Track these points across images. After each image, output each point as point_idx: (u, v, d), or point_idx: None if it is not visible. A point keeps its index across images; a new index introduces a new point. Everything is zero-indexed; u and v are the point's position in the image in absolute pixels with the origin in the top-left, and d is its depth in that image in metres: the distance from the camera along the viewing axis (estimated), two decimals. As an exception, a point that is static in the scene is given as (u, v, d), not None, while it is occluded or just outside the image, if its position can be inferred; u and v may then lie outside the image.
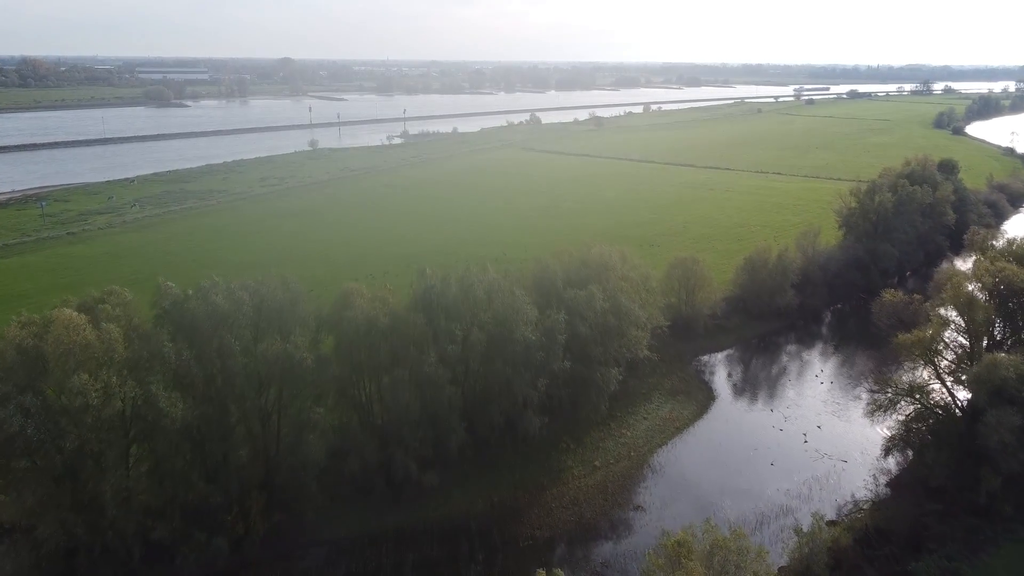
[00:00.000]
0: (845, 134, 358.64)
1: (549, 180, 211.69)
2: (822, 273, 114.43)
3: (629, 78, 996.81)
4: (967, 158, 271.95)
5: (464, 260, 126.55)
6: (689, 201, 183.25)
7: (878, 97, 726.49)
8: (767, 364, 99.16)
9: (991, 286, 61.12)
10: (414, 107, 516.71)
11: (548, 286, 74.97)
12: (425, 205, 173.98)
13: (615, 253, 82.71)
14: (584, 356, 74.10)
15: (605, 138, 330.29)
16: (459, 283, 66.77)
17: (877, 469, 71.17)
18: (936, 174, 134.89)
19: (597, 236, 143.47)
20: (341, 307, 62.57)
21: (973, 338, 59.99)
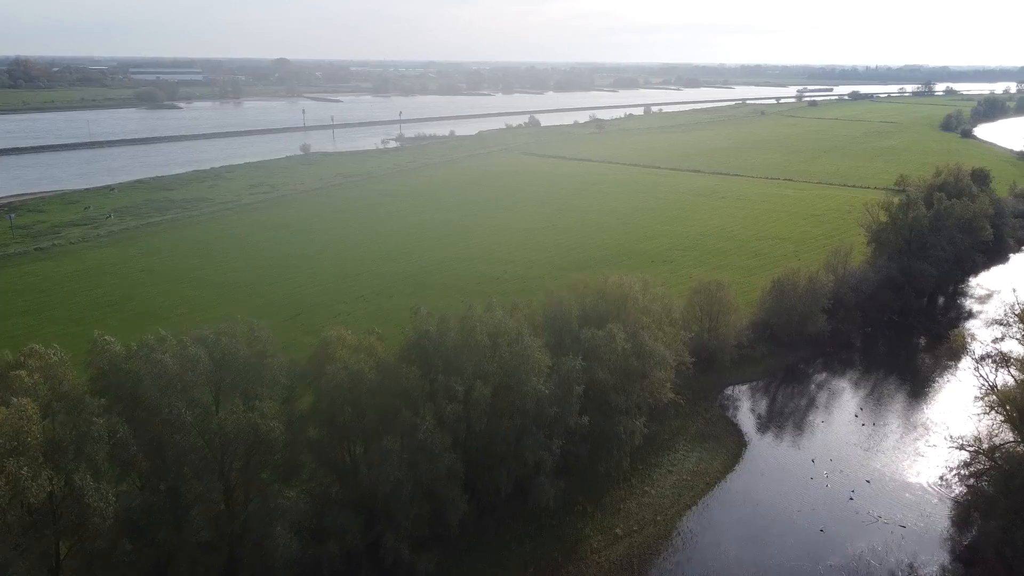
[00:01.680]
0: (853, 137, 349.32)
1: (552, 188, 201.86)
2: (854, 295, 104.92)
3: (628, 79, 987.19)
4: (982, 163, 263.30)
5: (465, 280, 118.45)
6: (700, 211, 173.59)
7: (880, 98, 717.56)
8: (799, 400, 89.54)
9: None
10: (411, 108, 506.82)
11: (562, 325, 65.24)
12: (423, 216, 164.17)
13: (635, 283, 72.95)
14: (604, 405, 64.48)
15: (606, 142, 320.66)
16: (459, 327, 57.00)
17: (943, 538, 61.60)
18: (972, 185, 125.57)
19: (607, 252, 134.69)
20: (320, 360, 52.78)
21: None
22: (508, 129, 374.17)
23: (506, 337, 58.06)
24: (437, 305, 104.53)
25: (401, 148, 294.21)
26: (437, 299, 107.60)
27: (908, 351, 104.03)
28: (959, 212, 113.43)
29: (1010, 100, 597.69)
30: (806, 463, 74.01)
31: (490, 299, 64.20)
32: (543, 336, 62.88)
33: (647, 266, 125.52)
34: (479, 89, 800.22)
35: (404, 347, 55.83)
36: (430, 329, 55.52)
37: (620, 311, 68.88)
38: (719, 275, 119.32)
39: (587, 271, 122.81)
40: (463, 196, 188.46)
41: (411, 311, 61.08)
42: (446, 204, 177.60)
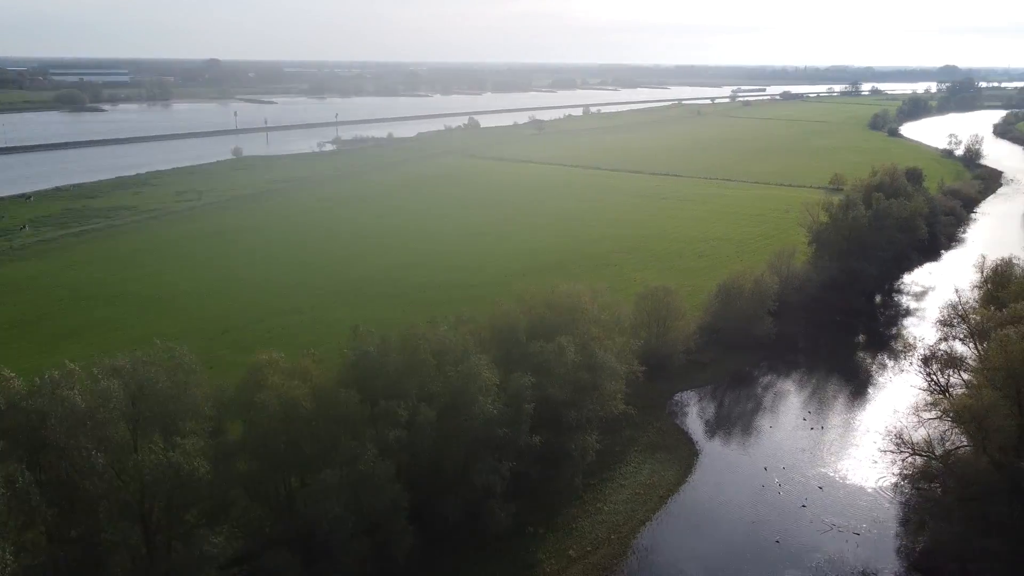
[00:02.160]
0: (787, 137, 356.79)
1: (494, 190, 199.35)
2: (798, 296, 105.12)
3: (566, 79, 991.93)
4: (910, 161, 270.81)
5: (408, 288, 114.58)
6: (643, 212, 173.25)
7: (810, 98, 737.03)
8: (748, 404, 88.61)
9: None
10: (348, 110, 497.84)
11: (510, 339, 62.49)
12: (362, 222, 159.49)
13: (584, 292, 70.71)
14: (555, 422, 61.99)
15: (547, 143, 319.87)
16: (402, 346, 53.66)
17: (897, 545, 60.87)
18: (907, 184, 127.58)
19: (553, 255, 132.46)
20: (250, 387, 48.79)
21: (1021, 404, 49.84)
22: (448, 130, 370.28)
23: (452, 355, 55.02)
24: (379, 315, 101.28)
25: (338, 151, 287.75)
26: (379, 309, 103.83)
27: (852, 351, 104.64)
28: (897, 212, 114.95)
29: (932, 99, 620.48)
30: (758, 471, 72.81)
31: (434, 316, 60.81)
32: (490, 352, 60.02)
33: (593, 269, 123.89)
34: (417, 90, 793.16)
35: (342, 370, 52.29)
36: (370, 350, 52.06)
37: (570, 322, 66.51)
38: (664, 278, 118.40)
39: (533, 276, 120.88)
40: (404, 200, 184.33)
41: (350, 329, 57.50)
42: (386, 209, 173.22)
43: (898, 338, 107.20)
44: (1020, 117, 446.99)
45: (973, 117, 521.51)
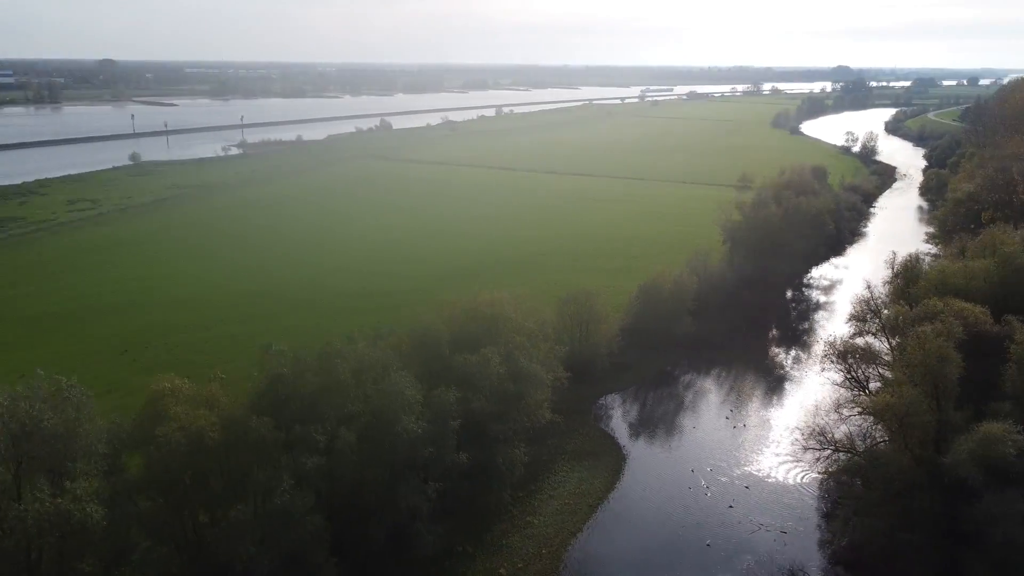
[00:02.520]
0: (695, 136, 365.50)
1: (410, 193, 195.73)
2: (716, 294, 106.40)
3: (477, 80, 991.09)
4: (811, 158, 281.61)
5: (326, 297, 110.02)
6: (561, 213, 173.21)
7: (715, 98, 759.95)
8: (671, 405, 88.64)
9: (958, 336, 52.35)
10: (253, 112, 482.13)
11: (432, 352, 60.05)
12: (274, 229, 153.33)
13: (507, 300, 68.91)
14: (481, 436, 59.87)
15: (461, 144, 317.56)
16: (318, 366, 50.47)
17: (824, 541, 61.50)
18: (814, 182, 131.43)
19: (473, 260, 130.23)
20: (150, 418, 44.75)
21: (939, 400, 50.81)
22: (359, 132, 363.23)
23: (372, 373, 52.20)
24: (294, 327, 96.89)
25: (245, 155, 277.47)
26: (294, 320, 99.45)
27: (769, 347, 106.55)
28: (806, 209, 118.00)
29: (828, 99, 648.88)
30: (685, 473, 72.61)
31: (352, 330, 57.77)
32: (412, 366, 57.40)
33: (515, 273, 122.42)
34: (325, 91, 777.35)
35: (254, 395, 48.70)
36: (284, 372, 48.69)
37: (493, 332, 64.55)
38: (585, 279, 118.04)
39: (454, 281, 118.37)
40: (317, 205, 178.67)
41: (261, 350, 53.87)
42: (299, 214, 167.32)
43: (810, 332, 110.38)
44: (908, 115, 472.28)
45: (866, 115, 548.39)
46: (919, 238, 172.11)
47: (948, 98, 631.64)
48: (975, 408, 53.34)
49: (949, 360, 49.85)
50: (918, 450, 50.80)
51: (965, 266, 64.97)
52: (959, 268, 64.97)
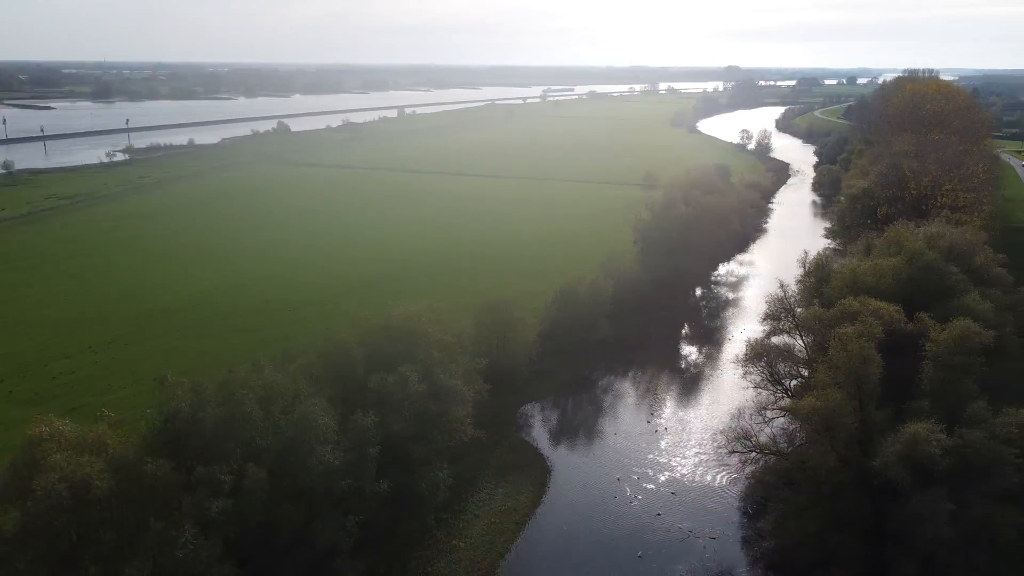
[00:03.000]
0: (599, 135, 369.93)
1: (312, 199, 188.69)
2: (631, 296, 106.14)
3: (378, 80, 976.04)
4: (711, 156, 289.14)
5: (224, 315, 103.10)
6: (470, 216, 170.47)
7: (614, 97, 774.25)
8: (594, 411, 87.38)
9: (878, 336, 52.71)
10: (141, 115, 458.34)
11: (346, 373, 56.35)
12: (165, 242, 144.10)
13: (423, 313, 65.71)
14: (402, 460, 56.58)
15: (364, 146, 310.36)
16: (220, 397, 46.01)
17: (753, 545, 61.23)
18: (719, 182, 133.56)
19: (383, 268, 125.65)
20: (27, 468, 39.43)
21: (862, 401, 50.99)
22: (255, 136, 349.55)
23: (281, 401, 48.07)
24: (193, 349, 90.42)
25: (132, 161, 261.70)
26: (191, 342, 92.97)
27: (686, 347, 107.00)
28: (714, 208, 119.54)
29: (721, 97, 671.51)
30: (611, 482, 71.27)
31: (257, 354, 53.35)
32: (325, 390, 53.55)
33: (427, 279, 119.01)
34: (218, 93, 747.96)
35: (148, 434, 43.86)
36: (182, 407, 44.05)
37: (411, 349, 61.27)
38: (500, 284, 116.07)
39: (363, 291, 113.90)
40: (212, 214, 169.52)
41: (156, 382, 48.86)
42: (192, 225, 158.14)
43: (722, 329, 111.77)
44: (796, 113, 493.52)
45: (757, 113, 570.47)
46: (817, 233, 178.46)
47: (831, 96, 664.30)
48: (895, 406, 53.94)
49: (871, 361, 50.09)
50: (844, 451, 50.81)
51: (875, 265, 66.22)
52: (870, 267, 66.15)
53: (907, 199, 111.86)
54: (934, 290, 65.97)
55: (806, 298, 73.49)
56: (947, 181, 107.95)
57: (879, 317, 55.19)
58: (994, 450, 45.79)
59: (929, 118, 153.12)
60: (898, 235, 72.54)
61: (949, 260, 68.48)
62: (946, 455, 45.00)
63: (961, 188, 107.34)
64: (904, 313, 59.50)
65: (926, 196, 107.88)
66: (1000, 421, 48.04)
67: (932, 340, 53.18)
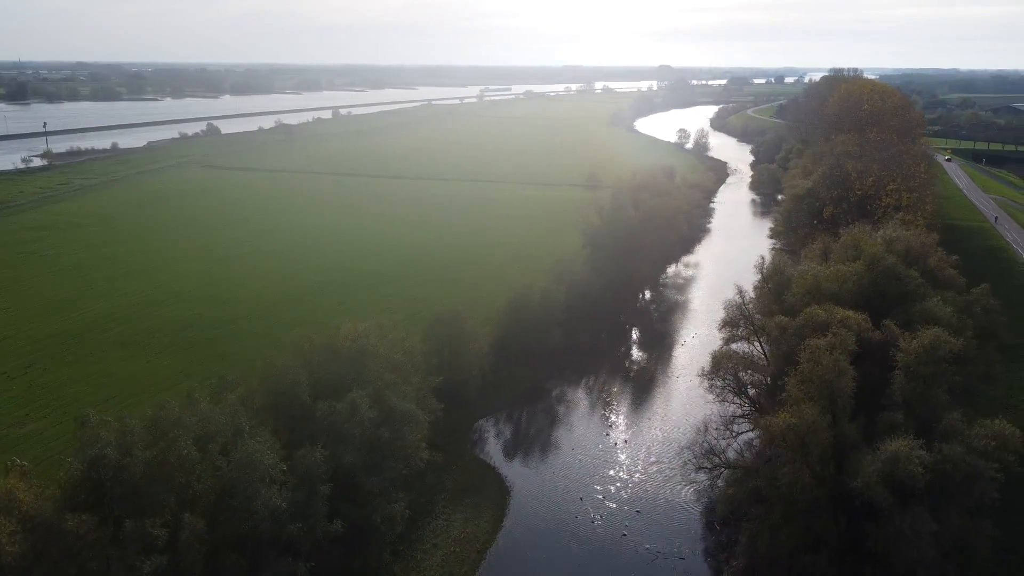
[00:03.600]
0: (539, 135, 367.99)
1: (245, 205, 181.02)
2: (583, 301, 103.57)
3: (311, 80, 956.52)
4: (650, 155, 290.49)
5: (152, 333, 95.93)
6: (411, 221, 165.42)
7: (551, 96, 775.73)
8: (550, 424, 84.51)
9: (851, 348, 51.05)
10: (59, 118, 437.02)
11: (290, 402, 51.98)
12: (86, 253, 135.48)
13: (372, 330, 61.68)
14: (354, 493, 52.51)
15: (298, 149, 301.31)
16: (150, 437, 41.30)
17: (725, 567, 59.13)
18: (666, 183, 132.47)
19: (323, 277, 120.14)
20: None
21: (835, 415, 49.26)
22: (183, 138, 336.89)
23: (220, 439, 43.56)
24: (114, 374, 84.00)
25: (50, 167, 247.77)
26: (116, 364, 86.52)
27: (637, 352, 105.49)
28: (662, 211, 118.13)
29: (656, 97, 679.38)
30: (573, 501, 68.41)
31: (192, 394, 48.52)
32: (269, 422, 49.20)
33: (369, 289, 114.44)
34: (143, 93, 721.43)
35: (68, 485, 38.93)
36: (106, 452, 39.24)
37: (360, 371, 57.19)
38: (445, 293, 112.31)
39: (303, 303, 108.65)
40: (138, 223, 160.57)
41: (75, 422, 43.79)
42: (117, 235, 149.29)
43: (673, 333, 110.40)
44: (730, 112, 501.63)
45: (691, 112, 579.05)
46: (760, 232, 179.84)
47: (761, 95, 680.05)
48: (865, 417, 52.48)
49: (845, 374, 48.44)
50: (818, 468, 49.03)
51: (836, 270, 65.04)
52: (831, 272, 64.92)
53: (851, 199, 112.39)
54: (894, 294, 65.15)
55: (765, 304, 72.05)
56: (890, 181, 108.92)
57: (847, 326, 53.65)
58: (973, 465, 44.51)
59: (865, 118, 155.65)
60: (856, 239, 71.73)
61: (906, 263, 67.82)
62: (926, 471, 43.46)
63: (904, 188, 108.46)
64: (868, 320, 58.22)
65: (870, 196, 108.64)
66: (976, 433, 46.89)
67: (902, 350, 51.88)
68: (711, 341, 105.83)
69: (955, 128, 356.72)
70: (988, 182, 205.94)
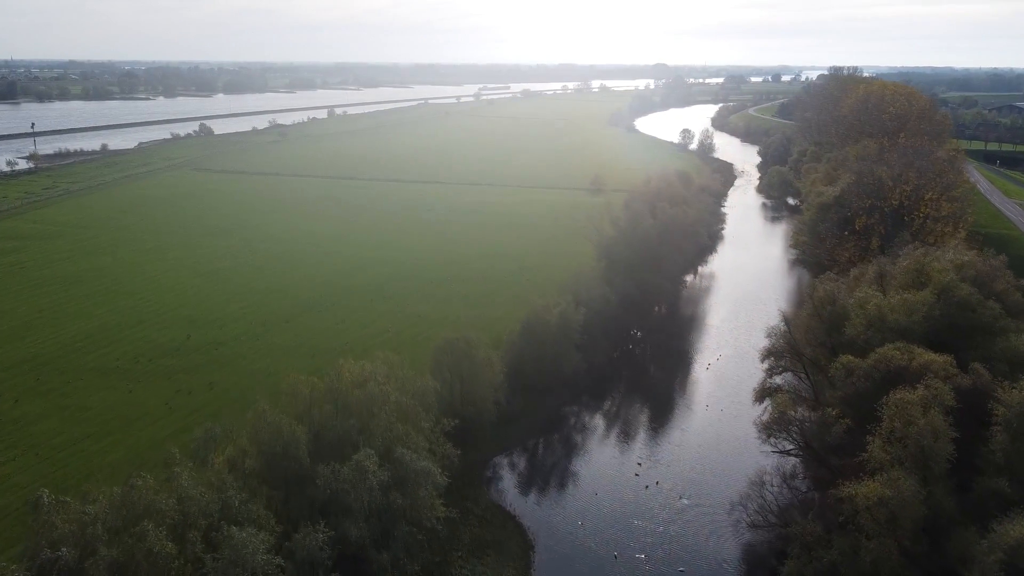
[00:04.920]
0: (537, 135, 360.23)
1: (235, 212, 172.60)
2: (599, 320, 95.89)
3: (304, 79, 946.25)
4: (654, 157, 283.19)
5: (132, 357, 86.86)
6: (411, 228, 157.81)
7: (548, 95, 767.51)
8: (572, 462, 76.74)
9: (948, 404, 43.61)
10: (49, 118, 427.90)
11: (287, 466, 44.29)
12: (63, 266, 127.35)
13: (380, 371, 54.03)
14: (362, 569, 44.89)
15: (292, 150, 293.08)
16: (117, 525, 33.58)
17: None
18: (683, 190, 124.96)
19: (316, 292, 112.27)
20: None
21: (929, 482, 41.90)
22: (175, 139, 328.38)
23: (203, 521, 35.87)
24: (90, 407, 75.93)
25: (35, 170, 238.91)
26: (90, 395, 78.74)
27: (663, 378, 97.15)
28: (682, 220, 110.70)
29: (654, 95, 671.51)
30: (607, 560, 60.77)
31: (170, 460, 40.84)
32: (262, 491, 41.54)
33: (365, 307, 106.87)
34: (135, 92, 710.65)
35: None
36: (61, 553, 31.54)
37: (367, 422, 49.55)
38: (449, 310, 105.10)
39: (297, 323, 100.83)
40: (120, 232, 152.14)
41: (28, 504, 36.10)
42: (97, 245, 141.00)
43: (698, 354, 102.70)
44: (732, 110, 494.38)
45: (691, 112, 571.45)
46: (774, 239, 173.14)
47: (759, 94, 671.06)
48: (957, 480, 45.07)
49: (942, 437, 41.12)
50: (909, 544, 41.52)
51: (904, 301, 57.60)
52: (898, 303, 57.48)
53: (885, 209, 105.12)
54: (964, 326, 57.81)
55: (814, 335, 64.61)
56: (928, 189, 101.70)
57: (932, 371, 46.28)
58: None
59: (890, 121, 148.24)
60: (919, 263, 64.27)
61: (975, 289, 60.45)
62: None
63: (943, 197, 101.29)
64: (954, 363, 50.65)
65: (906, 206, 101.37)
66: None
67: (1003, 402, 44.55)
68: (737, 362, 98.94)
69: (960, 128, 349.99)
70: (1008, 186, 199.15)
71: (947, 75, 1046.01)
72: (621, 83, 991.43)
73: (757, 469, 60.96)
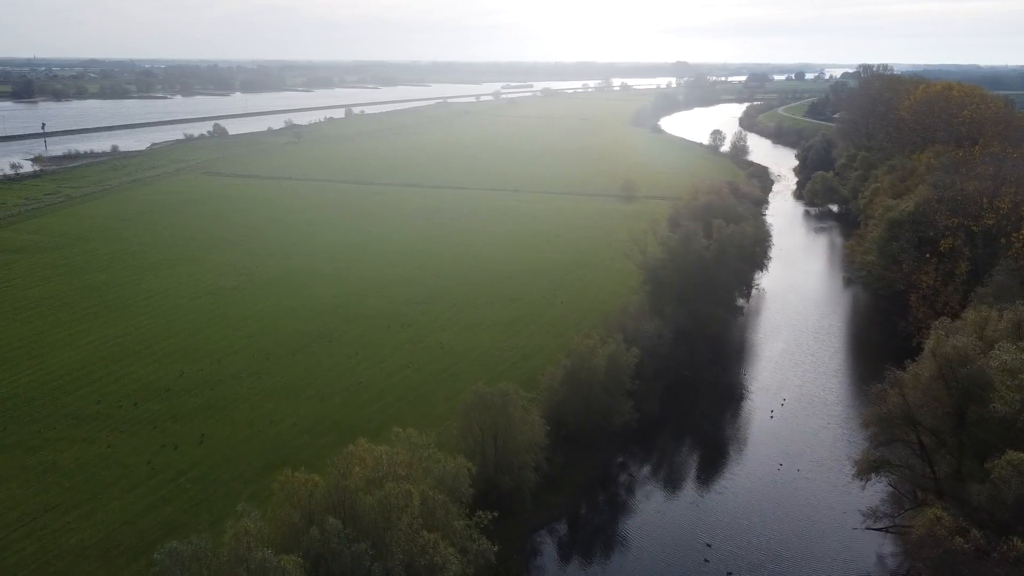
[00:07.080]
0: (560, 136, 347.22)
1: (242, 222, 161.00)
2: (650, 359, 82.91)
3: (322, 78, 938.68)
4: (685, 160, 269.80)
5: (117, 403, 70.19)
6: (430, 240, 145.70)
7: (569, 94, 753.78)
8: (628, 535, 64.33)
9: None
10: (65, 117, 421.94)
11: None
12: (55, 283, 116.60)
13: (399, 457, 41.92)
14: None
15: (307, 152, 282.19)
16: None
17: None
18: (736, 203, 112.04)
19: (325, 319, 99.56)
20: None
21: None
22: (187, 140, 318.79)
23: None
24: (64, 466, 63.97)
25: (41, 173, 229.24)
26: (64, 451, 67.55)
27: (726, 430, 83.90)
28: (739, 240, 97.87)
29: (678, 94, 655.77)
30: None
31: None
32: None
33: (381, 336, 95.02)
34: (152, 91, 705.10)
35: None
36: None
37: (384, 535, 37.51)
38: (478, 341, 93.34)
39: (305, 355, 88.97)
40: (119, 244, 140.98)
41: None
42: (93, 260, 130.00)
43: (763, 395, 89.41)
44: (759, 110, 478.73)
45: (715, 111, 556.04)
46: (824, 254, 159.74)
47: (784, 92, 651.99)
48: None
49: None
50: None
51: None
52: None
53: (974, 228, 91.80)
54: None
55: (940, 404, 51.80)
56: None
57: None
58: None
59: (963, 126, 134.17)
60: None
61: None
62: None
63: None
64: None
65: (1004, 227, 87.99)
66: None
67: None
68: (807, 409, 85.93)
69: None
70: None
71: (974, 73, 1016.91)
72: (642, 82, 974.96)
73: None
